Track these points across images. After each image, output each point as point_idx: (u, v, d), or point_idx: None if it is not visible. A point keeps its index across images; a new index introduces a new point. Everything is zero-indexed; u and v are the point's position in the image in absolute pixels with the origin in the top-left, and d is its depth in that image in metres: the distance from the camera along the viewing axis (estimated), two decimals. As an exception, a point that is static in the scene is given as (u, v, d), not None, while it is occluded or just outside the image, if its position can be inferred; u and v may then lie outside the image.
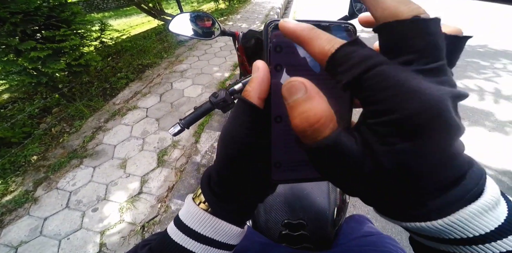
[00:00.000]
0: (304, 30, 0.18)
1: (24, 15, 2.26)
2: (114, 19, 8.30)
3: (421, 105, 0.13)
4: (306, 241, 0.63)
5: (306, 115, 0.16)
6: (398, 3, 0.16)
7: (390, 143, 0.14)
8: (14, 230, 1.64)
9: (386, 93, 0.14)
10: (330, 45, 0.17)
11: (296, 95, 0.17)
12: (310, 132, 0.16)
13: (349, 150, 0.16)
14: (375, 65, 0.15)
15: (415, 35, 0.15)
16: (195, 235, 0.26)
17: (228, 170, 0.25)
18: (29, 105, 2.90)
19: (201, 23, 0.92)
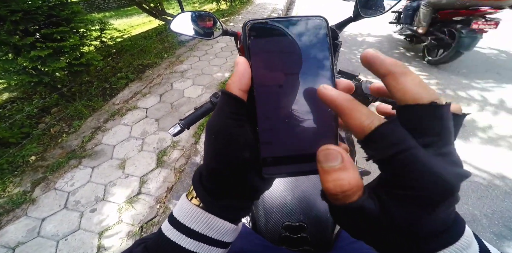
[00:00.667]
0: (344, 101, 0.20)
1: (24, 14, 2.26)
2: (115, 19, 8.31)
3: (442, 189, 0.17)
4: (306, 243, 0.63)
5: (340, 183, 0.19)
6: (418, 88, 0.18)
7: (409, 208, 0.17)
8: (12, 230, 1.63)
9: (413, 174, 0.17)
10: (369, 121, 0.19)
11: (333, 163, 0.19)
12: (341, 197, 0.19)
13: (370, 211, 0.18)
14: (406, 149, 0.17)
15: (433, 120, 0.18)
16: (188, 232, 0.26)
17: (216, 161, 0.25)
18: (28, 105, 2.89)
19: (202, 22, 0.91)
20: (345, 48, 4.32)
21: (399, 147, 0.17)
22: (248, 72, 0.24)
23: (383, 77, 0.20)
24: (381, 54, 0.21)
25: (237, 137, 0.24)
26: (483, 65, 3.42)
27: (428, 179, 0.17)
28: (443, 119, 0.18)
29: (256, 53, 0.25)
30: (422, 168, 0.17)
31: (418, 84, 0.18)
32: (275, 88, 0.25)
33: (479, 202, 1.68)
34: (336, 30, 0.77)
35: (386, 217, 0.18)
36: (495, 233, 1.49)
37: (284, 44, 0.25)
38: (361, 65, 0.79)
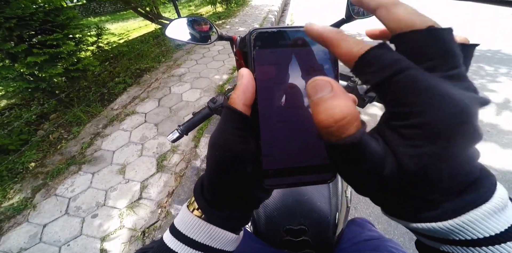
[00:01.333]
0: (331, 32, 0.19)
1: (19, 20, 2.27)
2: (111, 23, 8.30)
3: (453, 110, 0.14)
4: (308, 246, 0.63)
5: (331, 111, 0.16)
6: (411, 15, 0.17)
7: (415, 145, 0.15)
8: (13, 237, 1.63)
9: (416, 95, 0.15)
10: (359, 47, 0.17)
11: (322, 92, 0.17)
12: (335, 129, 0.16)
13: (372, 150, 0.16)
14: (405, 68, 0.15)
15: (433, 44, 0.16)
16: (190, 242, 0.26)
17: (219, 177, 0.25)
18: (26, 111, 2.89)
19: (198, 28, 0.91)
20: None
21: (396, 66, 0.16)
22: (253, 85, 0.23)
23: (375, 10, 0.19)
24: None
25: (241, 154, 0.24)
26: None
27: (438, 102, 0.14)
28: (445, 42, 0.16)
29: (261, 64, 0.24)
30: (425, 87, 0.15)
31: (412, 12, 0.17)
32: (279, 101, 0.24)
33: None
34: None
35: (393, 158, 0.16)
36: None
37: (291, 55, 0.24)
38: None
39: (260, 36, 0.24)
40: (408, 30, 0.17)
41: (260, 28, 0.24)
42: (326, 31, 0.19)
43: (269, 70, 0.24)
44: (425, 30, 0.16)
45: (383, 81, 0.16)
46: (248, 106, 0.23)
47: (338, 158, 0.18)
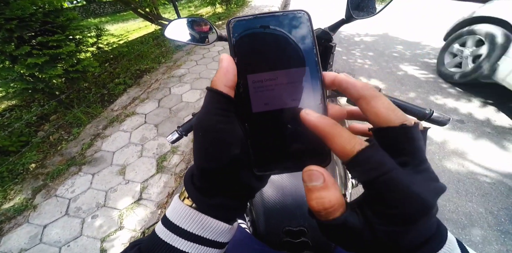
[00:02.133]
0: (326, 126, 0.21)
1: (19, 21, 2.27)
2: (111, 24, 8.31)
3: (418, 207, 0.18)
4: (307, 248, 0.62)
5: (322, 201, 0.20)
6: (387, 110, 0.21)
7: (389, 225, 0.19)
8: (14, 238, 1.64)
9: (394, 195, 0.18)
10: (351, 146, 0.20)
11: (315, 182, 0.21)
12: (324, 214, 0.20)
13: (353, 226, 0.20)
14: (386, 172, 0.19)
15: (405, 141, 0.20)
16: (181, 233, 0.26)
17: (206, 160, 0.25)
18: (27, 112, 2.89)
19: (197, 28, 0.90)
20: (342, 48, 4.34)
21: (380, 170, 0.19)
22: (233, 68, 0.24)
23: (356, 100, 0.22)
24: (351, 78, 0.23)
25: (226, 134, 0.24)
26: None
27: (407, 199, 0.18)
28: (414, 140, 0.20)
29: (240, 50, 0.25)
30: (402, 188, 0.18)
31: (388, 107, 0.21)
32: (261, 85, 0.25)
33: (483, 200, 1.66)
34: (329, 33, 0.77)
35: (369, 231, 0.19)
36: (502, 230, 1.47)
37: (269, 40, 0.25)
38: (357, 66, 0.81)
39: (238, 24, 0.25)
40: (385, 126, 0.20)
41: (238, 17, 0.25)
42: (322, 125, 0.21)
43: (249, 55, 0.25)
44: (398, 128, 0.20)
45: (370, 181, 0.19)
46: (230, 88, 0.24)
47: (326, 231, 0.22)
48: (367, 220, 0.20)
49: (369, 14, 0.74)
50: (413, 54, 3.95)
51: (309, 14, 0.25)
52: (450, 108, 2.58)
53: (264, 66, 0.25)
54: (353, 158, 0.20)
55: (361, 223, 0.20)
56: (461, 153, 2.05)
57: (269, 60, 0.25)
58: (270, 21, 0.25)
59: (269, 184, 0.74)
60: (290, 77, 0.25)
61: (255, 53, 0.25)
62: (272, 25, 0.25)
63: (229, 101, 0.24)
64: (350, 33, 5.16)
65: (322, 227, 0.22)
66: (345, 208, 0.20)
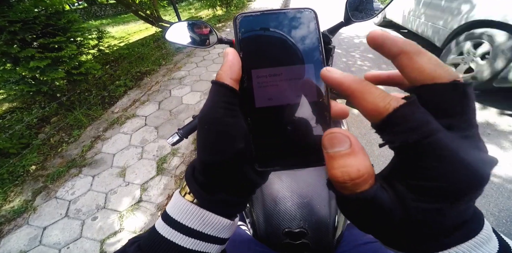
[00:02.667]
0: (353, 82, 0.18)
1: (23, 24, 2.29)
2: (112, 26, 8.34)
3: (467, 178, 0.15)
4: (307, 249, 0.63)
5: (348, 169, 0.17)
6: (435, 66, 0.17)
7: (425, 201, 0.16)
8: (14, 239, 1.63)
9: (438, 162, 0.15)
10: (386, 103, 0.17)
11: (339, 147, 0.18)
12: (350, 185, 0.17)
13: (382, 202, 0.17)
14: (431, 133, 0.15)
15: (455, 100, 0.17)
16: (182, 229, 0.25)
17: (209, 154, 0.24)
18: (28, 114, 2.90)
19: (197, 31, 0.90)
20: (342, 50, 4.33)
21: (423, 130, 0.15)
22: (238, 61, 0.24)
23: (395, 56, 0.18)
24: (391, 34, 0.19)
25: (231, 127, 0.23)
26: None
27: (457, 168, 0.15)
28: (466, 99, 0.17)
29: (246, 45, 0.25)
30: (450, 155, 0.15)
31: (436, 63, 0.17)
32: (266, 80, 0.24)
33: (484, 201, 1.64)
34: (328, 35, 0.76)
35: (401, 210, 0.17)
36: (504, 232, 1.44)
37: (275, 36, 0.25)
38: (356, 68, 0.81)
39: (245, 20, 0.25)
40: (431, 83, 0.17)
41: (245, 12, 0.25)
42: (348, 81, 0.19)
43: (254, 50, 0.25)
44: (449, 84, 0.16)
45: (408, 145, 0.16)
46: (236, 81, 0.24)
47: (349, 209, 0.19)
48: (399, 195, 0.17)
49: (368, 17, 0.74)
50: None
51: (316, 12, 0.25)
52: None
53: (269, 61, 0.25)
54: (388, 116, 0.16)
55: (390, 199, 0.17)
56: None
57: (274, 56, 0.25)
58: (277, 18, 0.25)
59: (270, 186, 0.74)
60: (295, 74, 0.25)
61: (260, 48, 0.25)
62: (278, 21, 0.25)
63: (234, 94, 0.24)
64: (350, 35, 5.15)
65: (342, 202, 0.19)
66: (375, 180, 0.18)
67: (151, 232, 0.27)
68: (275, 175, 0.75)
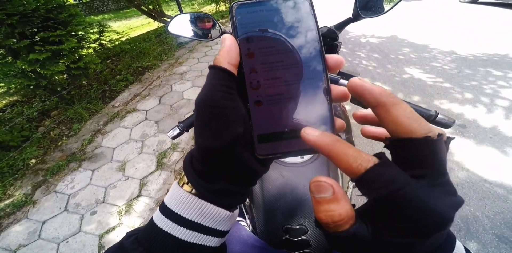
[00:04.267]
0: (328, 145, 0.20)
1: (21, 17, 2.27)
2: (114, 21, 8.31)
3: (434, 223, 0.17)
4: (307, 246, 0.62)
5: (331, 213, 0.19)
6: (409, 120, 0.18)
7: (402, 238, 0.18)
8: (13, 233, 1.63)
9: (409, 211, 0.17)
10: (357, 163, 0.18)
11: (324, 194, 0.19)
12: (333, 226, 0.19)
13: (362, 237, 0.19)
14: (399, 188, 0.17)
15: (427, 154, 0.18)
16: (180, 220, 0.25)
17: (208, 139, 0.24)
18: (28, 108, 2.90)
19: (201, 24, 0.90)
20: (347, 50, 4.30)
21: (392, 186, 0.17)
22: (236, 47, 0.24)
23: (373, 107, 0.20)
24: (368, 83, 0.20)
25: (229, 111, 0.23)
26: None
27: (424, 214, 0.17)
28: (437, 153, 0.18)
29: (242, 31, 0.25)
30: (417, 205, 0.17)
31: (410, 116, 0.19)
32: (264, 65, 0.25)
33: (480, 203, 1.66)
34: (335, 31, 0.76)
35: (380, 244, 0.18)
36: (497, 234, 1.47)
37: (270, 22, 0.25)
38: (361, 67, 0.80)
39: (241, 7, 0.26)
40: (405, 137, 0.18)
41: (241, 1, 0.26)
42: (323, 143, 0.20)
43: (251, 36, 0.25)
44: (421, 140, 0.18)
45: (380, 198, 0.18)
46: (234, 66, 0.24)
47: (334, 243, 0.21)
48: (377, 231, 0.19)
49: (376, 14, 0.73)
50: (420, 57, 3.89)
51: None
52: (455, 113, 2.54)
53: (267, 47, 0.25)
54: (360, 177, 0.18)
55: (370, 234, 0.19)
56: (461, 157, 2.04)
57: (272, 42, 0.25)
58: (273, 5, 0.25)
59: (270, 182, 0.73)
60: (293, 60, 0.24)
61: (257, 34, 0.25)
62: (274, 8, 0.25)
63: (232, 78, 0.24)
64: (356, 34, 5.11)
65: (329, 239, 0.21)
66: (355, 220, 0.19)
67: (149, 224, 0.26)
68: (275, 171, 0.75)
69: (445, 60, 3.68)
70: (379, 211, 0.19)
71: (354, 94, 0.21)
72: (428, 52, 4.04)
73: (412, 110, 0.19)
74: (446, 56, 3.82)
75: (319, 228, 0.21)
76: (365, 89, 0.20)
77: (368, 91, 0.20)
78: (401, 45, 4.40)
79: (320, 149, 0.20)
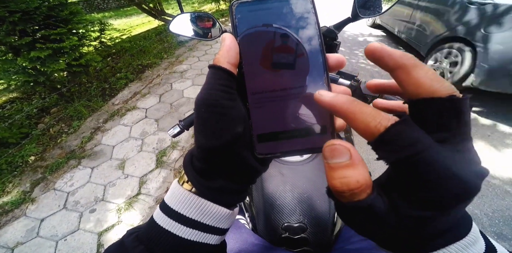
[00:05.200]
0: (344, 104, 0.19)
1: (23, 14, 2.26)
2: (115, 19, 8.30)
3: (458, 191, 0.16)
4: (306, 244, 0.62)
5: (347, 180, 0.17)
6: (432, 81, 0.17)
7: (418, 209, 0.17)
8: (11, 231, 1.63)
9: (431, 177, 0.16)
10: (377, 122, 0.17)
11: (339, 159, 0.18)
12: (348, 195, 0.18)
13: (378, 210, 0.18)
14: (422, 150, 0.16)
15: (451, 115, 0.17)
16: (180, 219, 0.25)
17: (208, 138, 0.24)
18: (27, 105, 2.89)
19: (201, 23, 0.90)
20: (345, 49, 4.32)
21: (414, 148, 0.16)
22: (236, 46, 0.24)
23: (393, 70, 0.19)
24: (388, 47, 0.19)
25: (229, 110, 0.23)
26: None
27: (447, 182, 0.16)
28: (462, 113, 0.17)
29: (242, 30, 0.25)
30: (440, 170, 0.16)
31: (433, 77, 0.17)
32: (264, 65, 0.24)
33: (479, 201, 1.67)
34: (334, 31, 0.77)
35: (396, 217, 0.17)
36: (496, 232, 1.48)
37: (270, 21, 0.25)
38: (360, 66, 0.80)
39: (241, 6, 0.25)
40: (428, 97, 0.17)
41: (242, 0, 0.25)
42: (339, 103, 0.19)
43: (251, 35, 0.25)
44: (445, 99, 0.17)
45: (401, 161, 0.16)
46: (233, 65, 0.24)
47: (347, 215, 0.20)
48: (393, 203, 0.18)
49: (375, 13, 0.73)
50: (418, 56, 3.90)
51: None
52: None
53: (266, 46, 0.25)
54: (380, 136, 0.17)
55: (386, 206, 0.18)
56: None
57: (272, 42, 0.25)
58: (273, 3, 0.25)
59: (270, 180, 0.73)
60: (293, 58, 0.24)
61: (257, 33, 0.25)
62: (273, 7, 0.25)
63: (231, 77, 0.23)
64: (354, 33, 5.12)
65: (341, 209, 0.20)
66: (372, 189, 0.18)
67: (149, 222, 0.26)
68: (275, 169, 0.75)
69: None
70: (396, 180, 0.18)
71: (372, 57, 0.20)
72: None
73: (435, 72, 0.18)
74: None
75: (331, 198, 0.20)
76: (384, 52, 0.19)
77: (388, 53, 0.19)
78: (398, 44, 4.42)
79: (336, 110, 0.19)
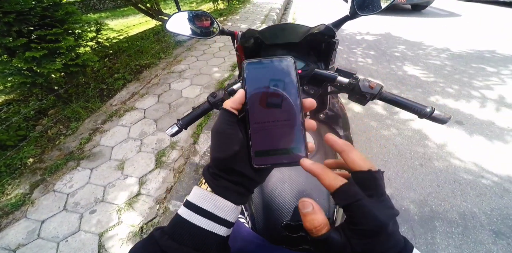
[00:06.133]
0: (317, 169, 0.31)
1: (18, 15, 2.25)
2: (111, 20, 8.26)
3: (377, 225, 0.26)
4: (306, 242, 0.62)
5: (313, 222, 0.28)
6: (360, 160, 0.30)
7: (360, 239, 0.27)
8: (12, 233, 1.62)
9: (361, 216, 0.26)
10: (335, 182, 0.28)
11: (307, 209, 0.29)
12: (314, 231, 0.28)
13: (336, 241, 0.27)
14: (357, 200, 0.27)
15: (371, 180, 0.29)
16: (199, 211, 0.33)
17: (218, 152, 0.35)
18: (25, 107, 2.87)
19: (199, 22, 0.90)
20: (344, 47, 4.33)
21: (354, 198, 0.27)
22: (241, 98, 0.36)
23: (339, 152, 0.31)
24: (336, 138, 0.32)
25: (231, 136, 0.35)
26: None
27: (369, 219, 0.26)
28: (376, 180, 0.29)
29: (250, 80, 0.36)
30: (366, 211, 0.26)
31: (360, 158, 0.30)
32: (262, 104, 0.35)
33: (478, 200, 1.68)
34: (332, 29, 0.76)
35: (348, 244, 0.27)
36: (494, 230, 1.49)
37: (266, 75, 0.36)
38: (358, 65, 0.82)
39: (249, 64, 0.37)
40: (358, 170, 0.29)
41: (249, 60, 0.37)
42: (314, 168, 0.31)
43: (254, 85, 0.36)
44: (366, 172, 0.29)
45: (346, 206, 0.27)
46: (235, 109, 0.36)
47: (317, 245, 0.28)
48: (347, 236, 0.27)
49: (373, 11, 0.73)
50: (415, 54, 3.93)
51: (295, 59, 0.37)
52: (450, 108, 2.57)
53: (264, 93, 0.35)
54: (336, 190, 0.28)
55: (343, 238, 0.27)
56: (458, 154, 2.05)
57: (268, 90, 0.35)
58: (269, 63, 0.36)
59: (269, 179, 0.73)
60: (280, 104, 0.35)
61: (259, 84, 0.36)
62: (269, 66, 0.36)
63: (233, 116, 0.35)
64: (352, 31, 5.12)
65: (313, 242, 0.29)
66: (329, 227, 0.28)
67: (174, 217, 0.34)
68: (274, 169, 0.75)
69: (440, 57, 3.74)
70: (347, 221, 0.28)
71: (329, 143, 0.33)
72: (423, 49, 4.09)
73: (361, 154, 0.31)
74: (441, 53, 3.89)
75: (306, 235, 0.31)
76: (333, 141, 0.32)
77: (335, 142, 0.32)
78: (396, 42, 4.45)
79: (312, 173, 0.31)
